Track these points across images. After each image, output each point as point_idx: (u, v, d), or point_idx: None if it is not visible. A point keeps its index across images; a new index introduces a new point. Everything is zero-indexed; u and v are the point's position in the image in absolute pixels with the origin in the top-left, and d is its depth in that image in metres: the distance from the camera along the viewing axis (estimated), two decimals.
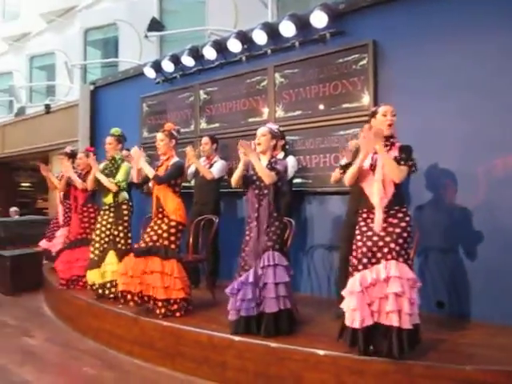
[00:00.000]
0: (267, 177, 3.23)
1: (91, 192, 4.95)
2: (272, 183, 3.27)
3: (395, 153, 2.79)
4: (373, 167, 2.81)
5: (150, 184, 4.08)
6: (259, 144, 3.37)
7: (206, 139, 4.96)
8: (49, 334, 4.44)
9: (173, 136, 3.96)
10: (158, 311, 3.68)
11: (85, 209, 5.02)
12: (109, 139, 4.53)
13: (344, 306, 2.81)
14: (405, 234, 2.73)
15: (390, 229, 2.73)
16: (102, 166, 4.59)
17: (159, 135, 3.94)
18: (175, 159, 3.94)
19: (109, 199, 4.49)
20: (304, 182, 4.61)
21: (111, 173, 4.48)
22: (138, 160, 3.84)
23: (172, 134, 3.96)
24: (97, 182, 4.61)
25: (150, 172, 3.83)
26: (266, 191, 3.32)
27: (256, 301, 3.16)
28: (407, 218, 2.77)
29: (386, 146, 2.81)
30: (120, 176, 4.45)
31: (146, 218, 4.56)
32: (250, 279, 3.18)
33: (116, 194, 4.46)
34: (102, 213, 4.56)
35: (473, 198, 3.62)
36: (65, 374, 3.50)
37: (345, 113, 4.33)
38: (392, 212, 2.77)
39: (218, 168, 4.79)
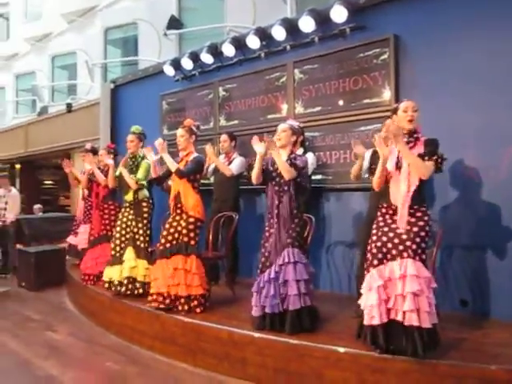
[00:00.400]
0: (287, 172, 3.22)
1: (112, 189, 5.02)
2: (292, 179, 3.26)
3: (420, 148, 2.74)
4: (399, 165, 2.76)
5: (170, 181, 4.11)
6: (279, 139, 3.36)
7: (224, 137, 4.98)
8: (72, 328, 4.52)
9: (193, 132, 3.98)
10: (180, 308, 3.71)
11: (105, 206, 5.10)
12: (130, 137, 4.58)
13: (361, 302, 2.79)
14: (422, 233, 2.69)
15: (408, 227, 2.70)
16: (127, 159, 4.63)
17: (179, 131, 3.96)
18: (195, 154, 3.95)
19: (129, 197, 4.54)
20: (324, 178, 4.57)
21: (131, 170, 4.53)
22: (162, 151, 3.86)
23: (192, 129, 3.97)
24: (117, 179, 4.67)
25: (172, 165, 3.84)
26: (285, 187, 3.30)
27: (279, 297, 3.16)
28: (426, 218, 2.73)
29: (410, 142, 2.77)
30: (140, 174, 4.49)
31: (167, 216, 4.60)
32: (272, 276, 3.18)
33: (136, 192, 4.51)
34: (122, 210, 4.62)
35: (497, 195, 3.54)
36: (88, 369, 3.56)
37: (365, 108, 4.28)
38: (411, 211, 2.72)
39: (236, 165, 4.80)
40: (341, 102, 4.50)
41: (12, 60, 16.60)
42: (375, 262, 2.73)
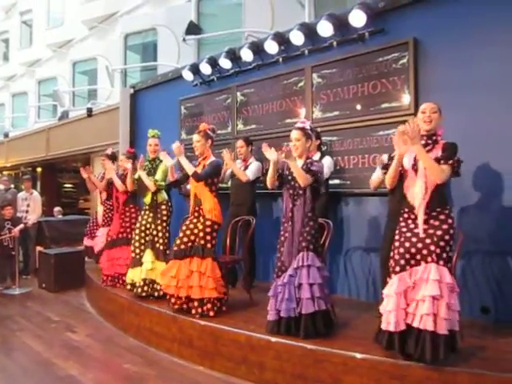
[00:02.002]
0: (303, 179, 3.22)
1: (132, 193, 5.08)
2: (308, 185, 3.26)
3: (438, 152, 2.71)
4: (415, 168, 2.74)
5: (189, 186, 4.14)
6: (296, 149, 3.35)
7: (240, 142, 4.99)
8: (91, 330, 4.58)
9: (208, 136, 4.00)
10: (193, 311, 3.73)
11: (126, 209, 5.16)
12: (156, 141, 4.69)
13: (381, 308, 2.76)
14: (447, 237, 2.64)
15: (431, 231, 2.66)
16: (146, 163, 4.69)
17: (195, 136, 3.99)
18: (212, 158, 3.98)
19: (148, 199, 4.60)
20: (342, 183, 4.55)
21: (150, 173, 4.60)
22: (179, 155, 3.90)
23: (207, 133, 4.00)
24: (136, 182, 4.74)
25: (189, 168, 3.87)
26: (300, 192, 3.31)
27: (295, 302, 3.16)
28: (450, 221, 2.68)
29: (428, 144, 2.74)
30: (158, 175, 4.56)
31: (185, 219, 4.63)
32: (285, 280, 3.19)
33: (155, 194, 4.56)
34: (142, 213, 4.68)
35: None
36: (107, 370, 3.60)
37: (384, 113, 4.25)
38: (434, 214, 2.69)
39: (253, 170, 4.81)
40: (359, 107, 4.48)
41: (34, 66, 16.96)
42: (397, 268, 2.69)
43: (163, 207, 4.58)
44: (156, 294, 4.34)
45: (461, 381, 2.53)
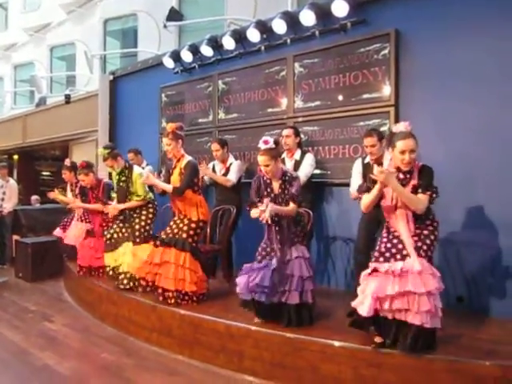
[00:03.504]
0: (291, 213, 3.22)
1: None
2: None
3: (415, 179, 2.73)
4: (394, 202, 2.77)
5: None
6: (268, 173, 3.25)
7: (215, 146, 4.84)
8: (69, 319, 4.53)
9: (178, 136, 3.91)
10: (168, 301, 3.73)
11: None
12: (109, 162, 4.48)
13: (358, 291, 2.80)
14: (432, 237, 2.74)
15: (418, 231, 2.73)
16: (115, 174, 4.54)
17: (165, 140, 3.91)
18: (186, 159, 3.91)
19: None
20: (322, 173, 4.57)
21: (125, 181, 4.42)
22: (152, 183, 3.88)
23: (177, 134, 3.91)
24: (116, 192, 4.57)
25: (167, 188, 3.84)
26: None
27: (276, 289, 3.13)
28: (435, 224, 2.79)
29: (406, 178, 2.74)
30: (140, 190, 4.39)
31: (164, 208, 4.60)
32: (273, 266, 3.15)
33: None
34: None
35: (495, 191, 3.53)
36: (84, 360, 3.56)
37: (365, 103, 4.27)
38: (421, 225, 2.76)
39: (234, 172, 4.77)
40: (340, 97, 4.48)
41: (10, 50, 16.50)
42: (381, 259, 2.72)
43: (149, 205, 4.49)
44: (140, 289, 4.17)
45: (437, 368, 2.58)
